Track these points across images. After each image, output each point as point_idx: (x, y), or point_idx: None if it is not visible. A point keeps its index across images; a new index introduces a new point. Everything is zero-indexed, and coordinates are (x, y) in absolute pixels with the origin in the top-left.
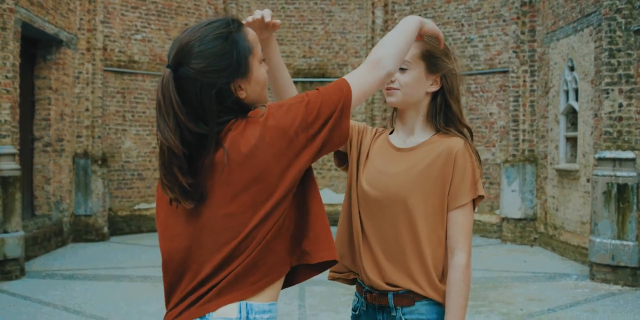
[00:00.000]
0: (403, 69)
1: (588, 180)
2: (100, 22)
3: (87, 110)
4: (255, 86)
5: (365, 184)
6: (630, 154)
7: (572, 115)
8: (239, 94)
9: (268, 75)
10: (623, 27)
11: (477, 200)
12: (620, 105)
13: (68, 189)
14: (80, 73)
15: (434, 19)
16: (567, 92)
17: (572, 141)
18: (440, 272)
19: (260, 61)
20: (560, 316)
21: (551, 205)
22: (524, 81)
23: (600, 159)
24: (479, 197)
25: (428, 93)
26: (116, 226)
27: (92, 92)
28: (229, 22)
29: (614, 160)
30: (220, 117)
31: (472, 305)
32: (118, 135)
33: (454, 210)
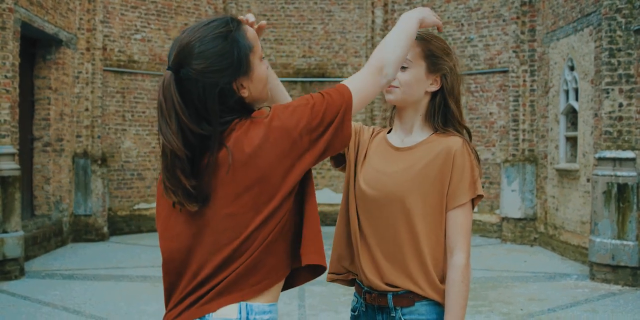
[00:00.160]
0: (404, 68)
1: (588, 180)
2: (100, 22)
3: (87, 110)
4: (258, 84)
5: (363, 183)
6: (630, 154)
7: (572, 115)
8: (241, 92)
9: None
10: (623, 27)
11: (476, 200)
12: (621, 105)
13: (68, 188)
14: (80, 73)
15: None
16: (567, 92)
17: (572, 141)
18: (439, 272)
19: (261, 58)
20: (560, 316)
21: (551, 205)
22: (524, 81)
23: (600, 159)
24: (478, 197)
25: (428, 92)
26: (116, 226)
27: (92, 92)
28: (228, 21)
29: (614, 160)
30: (223, 117)
31: (472, 305)
32: (118, 135)
33: (453, 210)
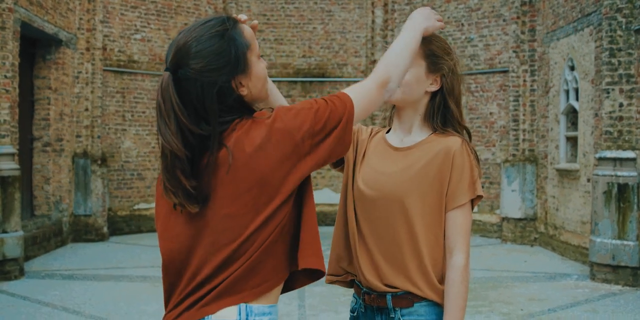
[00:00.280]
0: None
1: (588, 180)
2: (100, 22)
3: (87, 110)
4: (256, 82)
5: (361, 183)
6: (630, 154)
7: (573, 115)
8: (240, 91)
9: None
10: (623, 27)
11: (476, 201)
12: (621, 105)
13: (67, 188)
14: (80, 73)
15: None
16: (568, 92)
17: (573, 141)
18: (438, 273)
19: (259, 56)
20: (560, 316)
21: (551, 205)
22: (524, 81)
23: (600, 159)
24: (478, 197)
25: (427, 92)
26: (116, 226)
27: (92, 92)
28: (224, 20)
29: (615, 160)
30: (222, 117)
31: (473, 305)
32: (117, 135)
33: (452, 211)
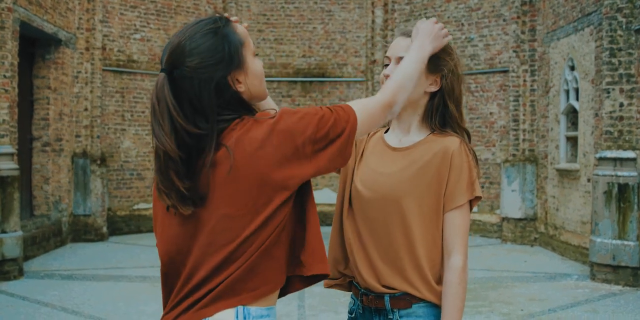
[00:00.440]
0: None
1: (589, 180)
2: (99, 22)
3: (86, 109)
4: (253, 79)
5: (359, 184)
6: (631, 154)
7: (573, 115)
8: (237, 87)
9: None
10: (624, 26)
11: (474, 202)
12: (621, 105)
13: (67, 188)
14: (79, 72)
15: (434, 18)
16: (568, 92)
17: (573, 141)
18: (436, 274)
19: (254, 54)
20: (561, 316)
21: (551, 205)
22: (524, 81)
23: (600, 159)
24: (476, 198)
25: (427, 92)
26: (115, 226)
27: (91, 92)
28: (216, 19)
29: (615, 160)
30: (221, 115)
31: (472, 305)
32: (117, 135)
33: (450, 212)
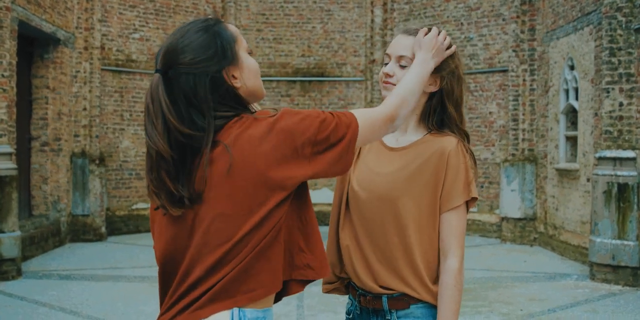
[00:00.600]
0: (403, 66)
1: (588, 180)
2: (98, 21)
3: (85, 109)
4: (249, 74)
5: (356, 184)
6: (630, 153)
7: (572, 115)
8: (233, 82)
9: None
10: (623, 26)
11: (471, 203)
12: (621, 104)
13: (65, 188)
14: (78, 72)
15: (433, 17)
16: (567, 91)
17: (572, 140)
18: (432, 275)
19: (248, 51)
20: (560, 316)
21: (551, 204)
22: (524, 80)
23: (600, 159)
24: (473, 199)
25: (425, 93)
26: (114, 226)
27: (90, 91)
28: (208, 19)
29: (615, 159)
30: (217, 110)
31: (472, 305)
32: (116, 135)
33: (447, 213)
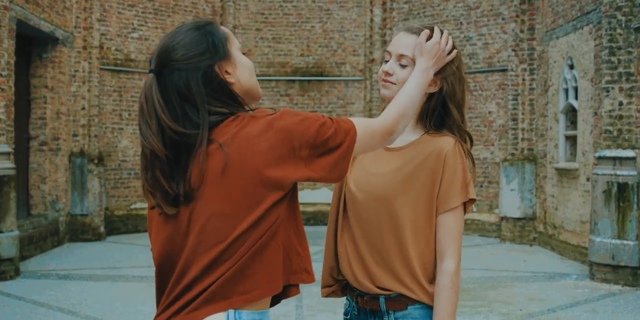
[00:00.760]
0: (404, 66)
1: (588, 179)
2: (97, 20)
3: (84, 108)
4: (242, 70)
5: (352, 185)
6: (630, 153)
7: (572, 114)
8: (226, 77)
9: None
10: (623, 25)
11: (468, 204)
12: (621, 104)
13: (64, 188)
14: (77, 71)
15: (432, 17)
16: (567, 91)
17: (572, 140)
18: (429, 276)
19: (241, 50)
20: (560, 316)
21: (550, 204)
22: (523, 79)
23: (600, 158)
24: (470, 201)
25: (425, 93)
26: (113, 226)
27: (89, 91)
28: (199, 20)
29: (614, 159)
30: (212, 105)
31: (472, 305)
32: (115, 134)
33: (444, 214)
